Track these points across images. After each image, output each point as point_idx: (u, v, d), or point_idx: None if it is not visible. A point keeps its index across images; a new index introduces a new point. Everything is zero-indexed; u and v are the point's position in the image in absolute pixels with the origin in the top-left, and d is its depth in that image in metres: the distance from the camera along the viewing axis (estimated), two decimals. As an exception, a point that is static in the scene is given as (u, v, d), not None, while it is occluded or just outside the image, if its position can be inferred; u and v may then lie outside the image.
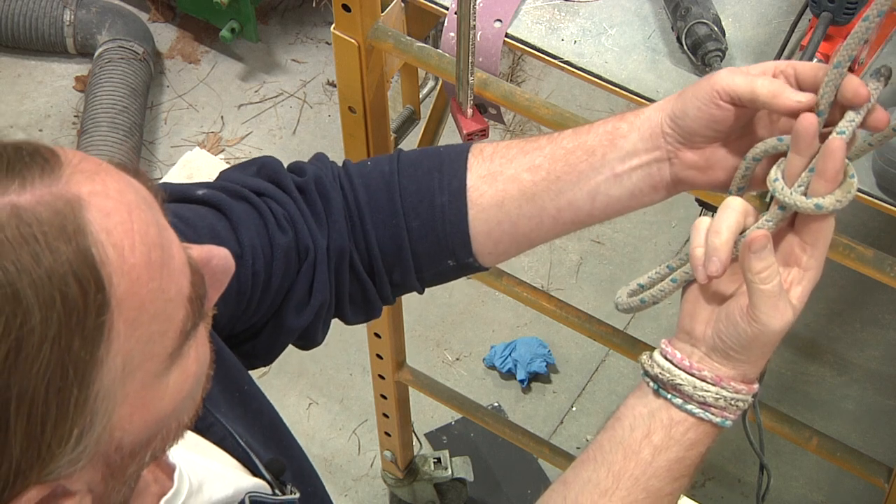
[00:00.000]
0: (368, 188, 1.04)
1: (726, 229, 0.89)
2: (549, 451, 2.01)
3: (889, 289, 1.41)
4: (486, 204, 1.02)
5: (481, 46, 1.39)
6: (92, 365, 0.62)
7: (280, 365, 2.64)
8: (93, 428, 0.64)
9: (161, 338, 0.66)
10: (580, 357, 2.57)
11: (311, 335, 1.06)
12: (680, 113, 0.94)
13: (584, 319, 1.66)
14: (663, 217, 2.76)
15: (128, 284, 0.63)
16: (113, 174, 0.66)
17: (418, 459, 2.29)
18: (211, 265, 0.73)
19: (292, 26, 3.16)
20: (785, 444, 1.79)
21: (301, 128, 2.97)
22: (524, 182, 1.01)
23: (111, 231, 0.63)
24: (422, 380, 2.02)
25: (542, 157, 1.01)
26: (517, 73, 2.97)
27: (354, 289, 1.06)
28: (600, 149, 0.98)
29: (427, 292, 1.10)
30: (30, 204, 0.61)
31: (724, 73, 0.92)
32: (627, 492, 0.91)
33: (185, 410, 0.72)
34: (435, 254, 1.05)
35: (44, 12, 2.97)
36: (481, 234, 1.04)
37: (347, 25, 1.41)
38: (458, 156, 1.04)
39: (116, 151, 2.72)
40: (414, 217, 1.03)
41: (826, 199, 0.86)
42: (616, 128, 0.98)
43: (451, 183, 1.03)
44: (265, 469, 0.95)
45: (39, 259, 0.60)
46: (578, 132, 1.01)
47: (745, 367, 0.91)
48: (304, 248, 1.01)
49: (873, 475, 1.55)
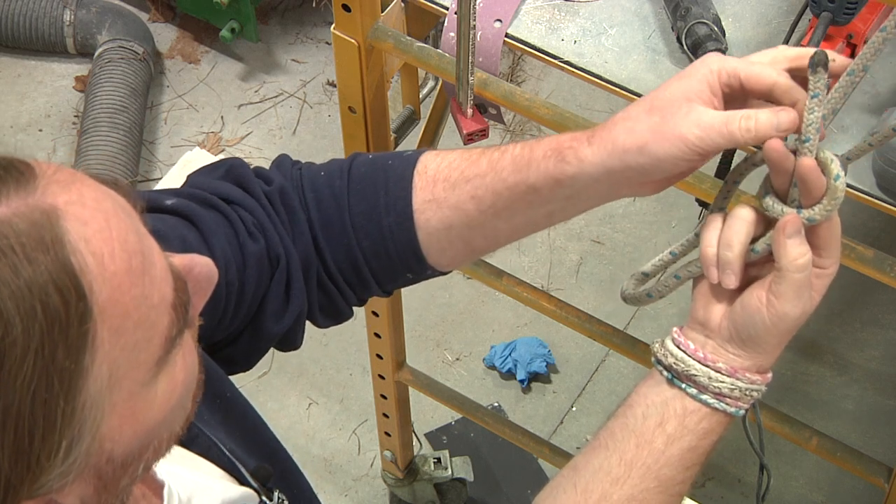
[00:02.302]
0: (320, 204, 1.03)
1: (738, 243, 0.90)
2: (549, 451, 2.01)
3: (889, 289, 1.41)
4: (433, 228, 1.01)
5: (481, 46, 1.39)
6: (77, 374, 0.62)
7: (280, 365, 2.65)
8: (82, 439, 0.63)
9: (147, 345, 0.66)
10: (580, 357, 2.57)
11: (290, 339, 1.06)
12: (648, 168, 0.89)
13: (584, 319, 1.66)
14: (663, 217, 2.76)
15: (109, 292, 0.63)
16: (88, 184, 0.66)
17: (418, 459, 2.29)
18: (193, 273, 0.73)
19: (292, 26, 3.16)
20: (785, 444, 1.79)
21: (301, 128, 2.97)
22: (469, 212, 0.99)
23: (89, 239, 0.63)
24: (422, 380, 2.02)
25: (483, 188, 0.98)
26: (517, 73, 2.97)
27: (322, 298, 1.06)
28: (545, 189, 0.94)
29: (427, 292, 1.11)
30: (6, 216, 0.60)
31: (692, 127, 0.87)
32: (639, 480, 0.91)
33: (175, 420, 0.72)
34: (390, 269, 1.04)
35: (44, 12, 2.97)
36: (434, 252, 1.02)
37: (347, 25, 1.41)
38: (404, 173, 1.02)
39: (116, 151, 2.72)
40: (364, 237, 1.02)
41: (815, 211, 0.87)
42: (559, 170, 0.93)
43: (397, 205, 1.01)
44: (251, 477, 0.94)
45: (18, 271, 0.59)
46: (518, 164, 0.95)
47: (760, 358, 0.91)
48: (275, 256, 1.01)
49: (873, 475, 1.54)
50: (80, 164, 2.70)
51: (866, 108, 1.29)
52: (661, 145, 0.88)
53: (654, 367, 0.95)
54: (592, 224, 2.75)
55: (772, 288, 0.88)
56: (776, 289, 0.88)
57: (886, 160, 1.22)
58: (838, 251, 0.90)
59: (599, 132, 0.92)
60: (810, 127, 0.86)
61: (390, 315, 1.86)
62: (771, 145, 0.87)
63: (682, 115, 0.87)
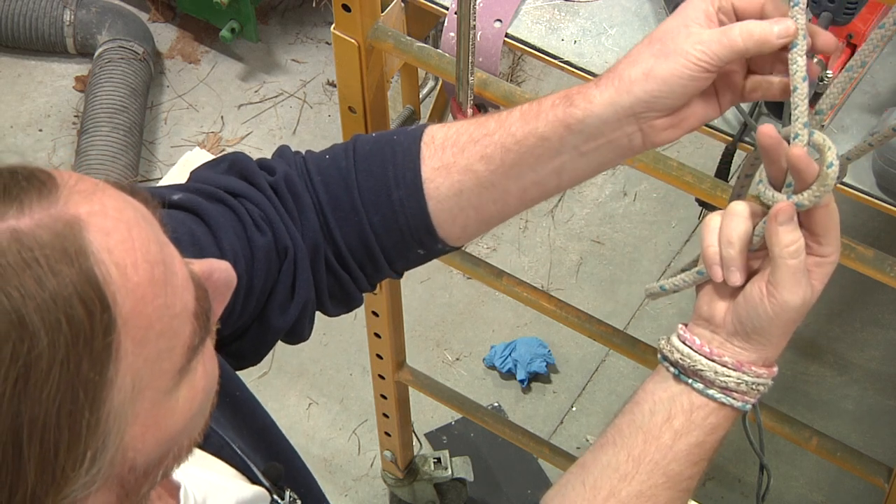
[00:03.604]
0: (328, 186, 1.04)
1: (737, 239, 0.90)
2: (549, 451, 2.01)
3: (889, 289, 1.41)
4: (443, 196, 1.01)
5: (481, 46, 1.39)
6: (102, 386, 0.61)
7: (280, 365, 2.65)
8: (106, 449, 0.63)
9: (169, 354, 0.66)
10: (580, 357, 2.57)
11: (297, 331, 1.06)
12: (663, 94, 0.91)
13: (584, 319, 1.66)
14: (663, 217, 2.76)
15: (133, 303, 0.62)
16: (110, 193, 0.65)
17: (418, 459, 2.29)
18: (213, 279, 0.72)
19: (292, 26, 3.16)
20: (785, 444, 1.79)
21: (301, 128, 2.97)
22: (479, 172, 0.99)
23: (112, 250, 0.62)
24: (422, 380, 2.02)
25: (492, 145, 0.99)
26: (517, 73, 2.97)
27: (332, 284, 1.06)
28: (555, 136, 0.96)
29: (427, 292, 1.11)
30: (29, 228, 0.60)
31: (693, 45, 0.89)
32: (647, 476, 0.91)
33: (195, 426, 0.72)
34: (401, 245, 1.04)
35: (44, 12, 2.97)
36: (445, 222, 1.02)
37: (347, 25, 1.41)
38: (411, 145, 1.02)
39: (116, 151, 2.72)
40: (374, 213, 1.02)
41: (804, 196, 0.87)
42: (568, 114, 0.95)
43: (406, 176, 1.01)
44: (263, 476, 0.95)
45: (43, 283, 0.59)
46: (526, 116, 0.97)
47: (766, 351, 0.91)
48: (282, 248, 1.01)
49: (873, 475, 1.55)
50: (80, 164, 2.71)
51: (866, 108, 1.29)
52: (665, 65, 0.90)
53: (660, 363, 0.95)
54: (592, 224, 2.75)
55: (769, 278, 0.88)
56: (773, 278, 0.88)
57: (886, 160, 1.22)
58: (838, 238, 0.90)
59: (606, 74, 0.94)
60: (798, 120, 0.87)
61: (390, 315, 1.86)
62: (764, 131, 0.87)
63: (682, 37, 0.90)
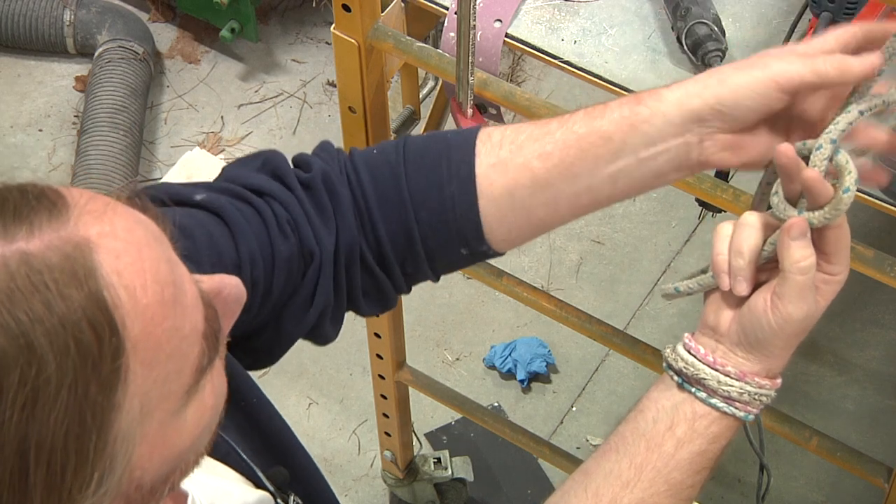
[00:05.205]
0: (375, 180, 1.01)
1: (748, 250, 0.90)
2: (549, 451, 2.01)
3: (889, 289, 1.41)
4: (496, 193, 0.99)
5: (481, 46, 1.39)
6: (109, 409, 0.61)
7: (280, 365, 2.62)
8: (113, 471, 0.63)
9: (177, 376, 0.65)
10: (580, 357, 2.57)
11: (321, 334, 1.05)
12: (731, 104, 0.90)
13: (584, 319, 1.66)
14: (663, 217, 2.76)
15: (142, 325, 0.62)
16: (121, 212, 0.65)
17: (418, 459, 2.29)
18: (222, 295, 0.72)
19: (292, 26, 3.16)
20: (785, 444, 1.79)
21: (301, 128, 2.97)
22: (536, 170, 0.98)
23: (122, 272, 0.62)
24: (422, 380, 2.02)
25: (552, 143, 0.97)
26: (517, 73, 2.97)
27: (367, 283, 1.04)
28: (618, 134, 0.94)
29: (427, 292, 1.10)
30: (39, 250, 0.60)
31: (780, 63, 0.89)
32: (649, 483, 0.91)
33: (203, 442, 0.72)
34: (446, 244, 1.02)
35: (44, 12, 2.97)
36: (494, 222, 1.01)
37: (347, 25, 1.41)
38: (466, 142, 1.01)
39: (116, 151, 2.72)
40: (423, 208, 1.00)
41: (815, 216, 0.87)
42: (635, 112, 0.94)
43: (460, 171, 1.00)
44: (268, 480, 0.94)
45: (52, 307, 0.59)
46: (591, 115, 0.96)
47: (769, 362, 0.91)
48: (308, 253, 0.99)
49: (873, 475, 1.55)
50: (80, 164, 2.71)
51: (866, 108, 1.29)
52: (742, 75, 0.90)
53: (664, 371, 0.95)
54: (592, 224, 2.75)
55: (776, 290, 0.88)
56: (780, 290, 0.88)
57: (887, 160, 1.22)
58: (847, 258, 0.90)
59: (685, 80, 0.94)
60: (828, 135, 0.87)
61: (390, 315, 1.86)
62: (781, 150, 0.87)
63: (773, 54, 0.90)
